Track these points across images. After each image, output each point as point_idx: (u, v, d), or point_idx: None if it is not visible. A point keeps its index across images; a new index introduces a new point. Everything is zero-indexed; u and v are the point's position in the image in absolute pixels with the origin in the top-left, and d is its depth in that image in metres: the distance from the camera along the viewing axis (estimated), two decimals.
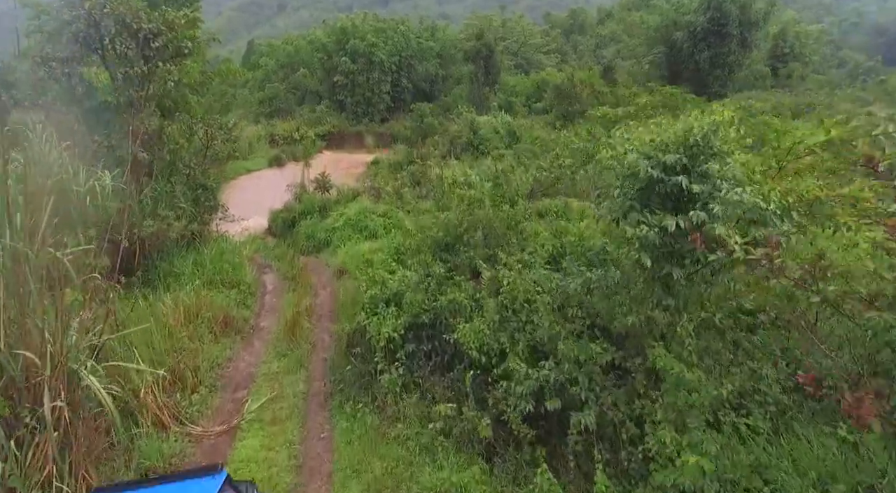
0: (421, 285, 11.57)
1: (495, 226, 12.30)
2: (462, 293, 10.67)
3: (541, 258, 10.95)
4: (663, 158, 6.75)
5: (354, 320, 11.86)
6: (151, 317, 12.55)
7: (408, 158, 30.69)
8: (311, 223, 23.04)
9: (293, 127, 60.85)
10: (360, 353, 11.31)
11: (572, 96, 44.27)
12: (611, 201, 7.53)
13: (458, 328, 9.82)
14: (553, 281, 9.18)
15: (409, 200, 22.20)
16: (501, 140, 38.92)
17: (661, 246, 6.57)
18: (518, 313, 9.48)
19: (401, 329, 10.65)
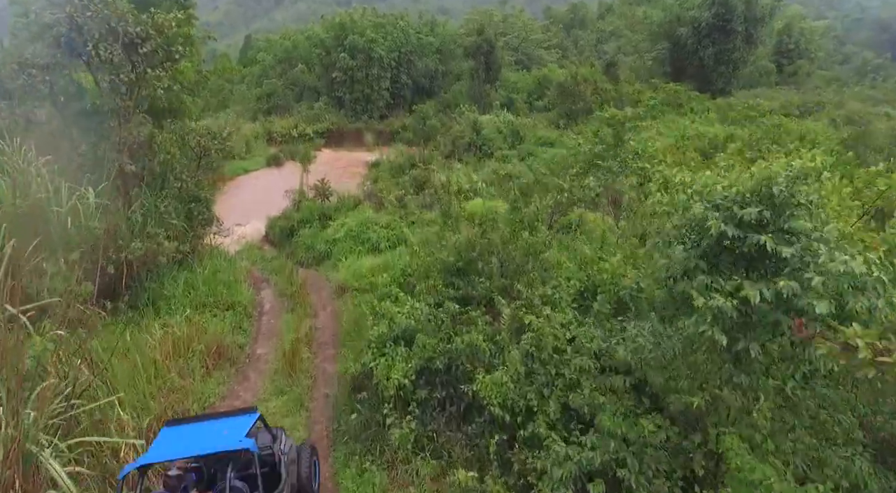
0: (432, 322, 10.40)
1: (513, 255, 11.11)
2: (479, 334, 9.49)
3: (567, 295, 9.75)
4: (740, 212, 5.54)
5: (359, 359, 10.66)
6: (137, 354, 11.35)
7: (410, 162, 29.47)
8: (311, 233, 21.85)
9: (291, 124, 59.57)
10: (367, 399, 10.15)
11: (576, 94, 43.00)
12: (666, 254, 6.32)
13: (478, 379, 8.66)
14: (592, 339, 7.98)
15: (413, 210, 21.01)
16: (505, 140, 37.74)
17: (738, 318, 5.40)
18: (546, 364, 8.33)
19: (412, 374, 9.48)
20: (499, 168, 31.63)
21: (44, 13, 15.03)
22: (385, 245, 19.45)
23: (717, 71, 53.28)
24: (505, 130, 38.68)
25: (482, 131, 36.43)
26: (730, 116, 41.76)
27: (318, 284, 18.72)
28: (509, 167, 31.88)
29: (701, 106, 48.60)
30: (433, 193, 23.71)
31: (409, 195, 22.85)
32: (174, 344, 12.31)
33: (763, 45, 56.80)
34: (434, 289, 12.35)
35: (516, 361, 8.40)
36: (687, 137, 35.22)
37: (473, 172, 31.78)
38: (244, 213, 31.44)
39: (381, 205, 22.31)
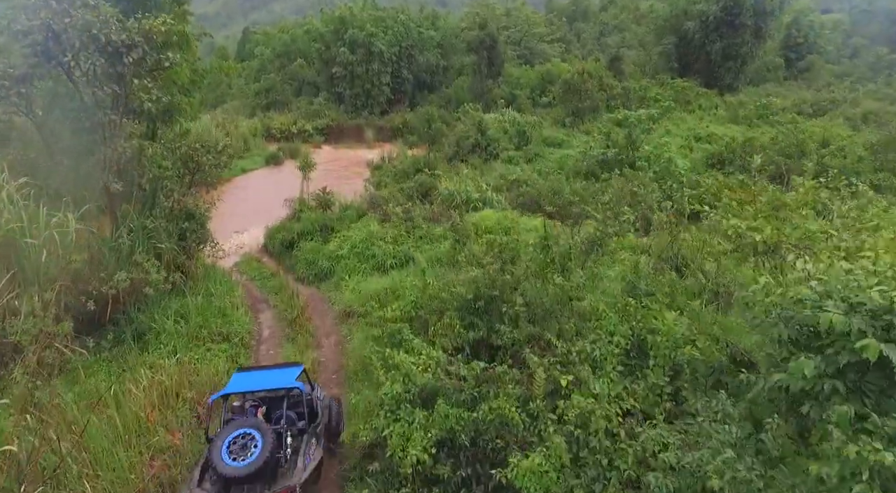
0: (452, 378, 9.03)
1: (543, 300, 9.72)
2: (508, 401, 8.11)
3: (611, 355, 8.37)
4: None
5: (370, 422, 9.26)
6: (117, 410, 9.97)
7: (414, 167, 28.00)
8: (312, 247, 20.42)
9: (290, 120, 58.00)
10: (380, 472, 8.80)
11: (582, 92, 41.47)
12: (781, 367, 4.89)
13: (512, 463, 7.30)
14: (666, 447, 6.59)
15: (420, 224, 19.58)
16: (510, 140, 36.23)
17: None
18: (596, 452, 6.98)
19: (431, 447, 8.11)
20: (506, 172, 30.21)
21: (18, 19, 13.50)
22: (391, 263, 18.03)
23: (725, 66, 51.74)
24: (511, 129, 37.17)
25: (487, 132, 34.94)
26: (741, 115, 40.30)
27: (320, 307, 17.33)
28: (518, 171, 30.46)
29: (709, 103, 47.16)
30: (440, 202, 22.31)
31: (415, 206, 21.37)
32: (162, 393, 10.92)
33: (771, 39, 55.20)
34: (450, 328, 11.01)
35: (560, 449, 7.02)
36: (698, 138, 33.80)
37: (480, 176, 30.38)
38: (242, 218, 30.03)
39: (386, 216, 20.88)
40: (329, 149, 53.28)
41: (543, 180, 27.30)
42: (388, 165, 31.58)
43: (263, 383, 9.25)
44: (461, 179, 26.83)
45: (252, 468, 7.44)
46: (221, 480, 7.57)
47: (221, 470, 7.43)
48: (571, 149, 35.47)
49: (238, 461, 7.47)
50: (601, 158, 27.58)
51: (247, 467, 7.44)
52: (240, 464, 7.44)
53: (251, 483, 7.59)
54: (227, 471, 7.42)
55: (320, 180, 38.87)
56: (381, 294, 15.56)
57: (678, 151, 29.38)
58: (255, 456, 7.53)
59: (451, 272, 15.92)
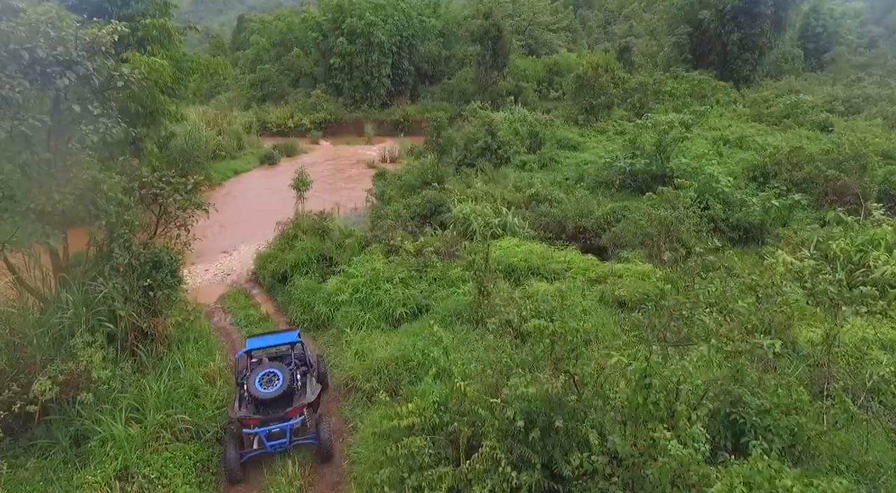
0: None
1: (646, 472, 6.40)
2: None
3: None
4: None
5: None
6: None
7: (421, 179, 24.58)
8: (308, 286, 17.07)
9: (287, 114, 54.46)
10: None
11: (596, 88, 37.90)
12: None
13: None
14: None
15: (434, 262, 16.25)
16: (522, 142, 32.80)
17: None
18: None
19: None
20: (520, 180, 26.85)
21: None
22: (401, 312, 14.76)
23: (742, 58, 48.01)
24: (522, 130, 33.70)
25: (497, 134, 31.48)
26: (765, 112, 36.82)
27: None
28: (536, 182, 27.08)
29: (727, 97, 43.62)
30: (454, 228, 18.99)
31: (426, 236, 18.00)
32: None
33: (791, 28, 51.37)
34: (491, 460, 7.84)
35: None
36: (726, 141, 30.37)
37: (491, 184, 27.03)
38: (232, 233, 26.66)
39: (393, 248, 17.57)
40: (327, 145, 49.77)
41: (565, 194, 23.97)
42: (392, 175, 28.09)
43: (275, 341, 11.93)
44: (474, 193, 23.49)
45: (278, 393, 10.05)
46: (255, 402, 10.09)
47: (256, 395, 9.99)
48: (588, 152, 32.09)
49: (268, 389, 10.06)
50: (628, 168, 24.19)
51: (274, 392, 10.04)
52: (269, 390, 10.06)
53: (276, 404, 10.07)
54: (261, 396, 10.00)
55: (317, 183, 35.54)
56: (391, 365, 12.34)
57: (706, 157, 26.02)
58: (278, 386, 10.13)
59: (476, 336, 12.76)
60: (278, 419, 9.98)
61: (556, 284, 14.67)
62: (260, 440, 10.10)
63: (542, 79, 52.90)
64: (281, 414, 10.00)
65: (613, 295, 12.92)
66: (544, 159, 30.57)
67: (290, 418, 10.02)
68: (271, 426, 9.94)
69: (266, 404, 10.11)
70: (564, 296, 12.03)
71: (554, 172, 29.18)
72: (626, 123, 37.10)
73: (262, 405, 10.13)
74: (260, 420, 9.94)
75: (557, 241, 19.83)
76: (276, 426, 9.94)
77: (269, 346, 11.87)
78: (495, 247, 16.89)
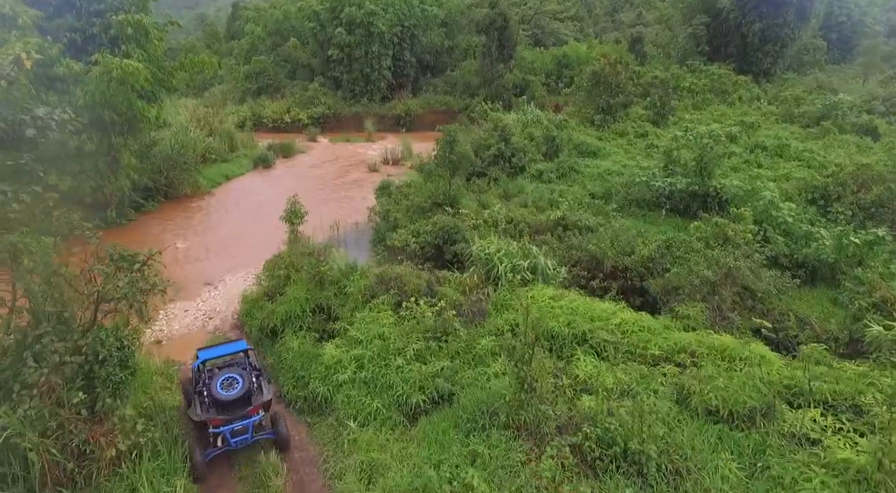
0: None
1: None
2: None
3: None
4: None
5: None
6: None
7: (432, 200, 21.14)
8: (303, 351, 13.69)
9: (283, 108, 50.68)
10: None
11: (613, 85, 34.26)
12: None
13: None
14: None
15: (456, 328, 12.90)
16: (538, 149, 29.35)
17: None
18: None
19: None
20: (539, 196, 23.46)
21: None
22: (418, 400, 11.47)
23: (763, 50, 44.27)
24: (538, 135, 30.21)
25: (511, 139, 28.02)
26: (796, 113, 33.29)
27: (309, 477, 10.81)
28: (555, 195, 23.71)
29: (748, 93, 40.02)
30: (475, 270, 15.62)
31: (446, 293, 14.54)
32: None
33: (816, 17, 47.44)
34: None
35: None
36: (763, 149, 26.90)
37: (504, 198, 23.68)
38: (219, 258, 23.30)
39: (404, 297, 14.23)
40: (325, 143, 46.11)
41: (593, 215, 20.62)
42: (397, 190, 24.60)
43: (227, 350, 12.23)
44: (492, 216, 20.13)
45: (238, 395, 10.69)
46: (217, 405, 10.66)
47: (220, 398, 10.60)
48: (609, 159, 28.63)
49: (230, 392, 10.72)
50: (667, 188, 20.77)
51: (236, 394, 10.70)
52: (231, 393, 10.72)
53: (236, 405, 10.71)
54: (224, 398, 10.63)
55: (315, 191, 32.11)
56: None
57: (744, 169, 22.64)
58: (239, 388, 10.79)
59: (520, 452, 9.47)
60: (241, 417, 10.61)
61: (611, 366, 11.40)
62: (224, 438, 10.68)
63: (551, 72, 49.15)
64: (242, 414, 10.61)
65: (702, 401, 9.59)
66: (563, 169, 27.13)
67: (251, 415, 10.71)
68: (234, 424, 10.57)
69: (228, 405, 10.66)
70: (642, 414, 8.80)
71: (574, 184, 25.77)
72: (646, 125, 33.59)
73: (223, 407, 10.67)
74: (224, 420, 10.54)
75: (593, 280, 16.55)
76: (240, 424, 10.60)
77: (221, 355, 12.11)
78: (527, 299, 13.59)
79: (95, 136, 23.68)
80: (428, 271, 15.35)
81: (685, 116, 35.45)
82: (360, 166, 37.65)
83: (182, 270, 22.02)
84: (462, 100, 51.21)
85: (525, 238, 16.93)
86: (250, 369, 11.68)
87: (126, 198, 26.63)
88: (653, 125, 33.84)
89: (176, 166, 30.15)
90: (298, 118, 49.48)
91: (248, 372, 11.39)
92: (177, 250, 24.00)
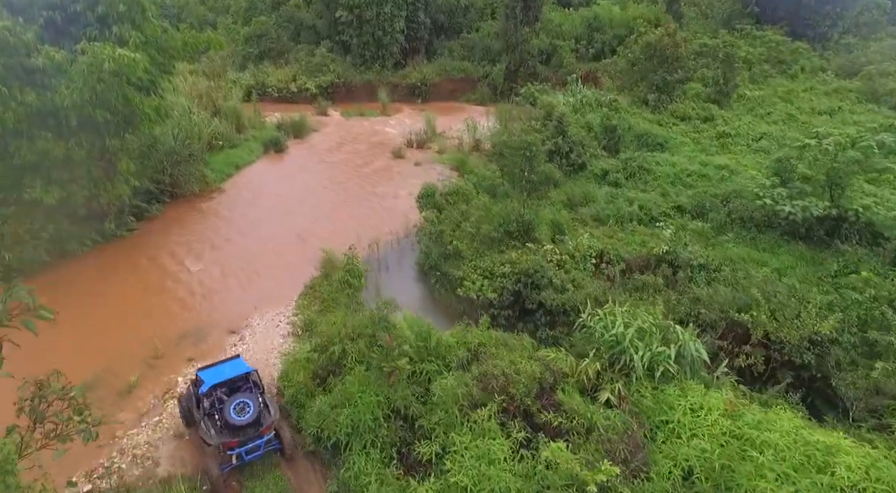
0: None
1: None
2: None
3: None
4: None
5: None
6: None
7: (502, 226, 16.74)
8: (382, 477, 9.82)
9: (289, 76, 45.32)
10: None
11: (672, 59, 29.38)
12: None
13: None
14: None
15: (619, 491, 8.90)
16: (596, 141, 24.84)
17: None
18: None
19: None
20: (619, 213, 19.26)
21: None
22: None
23: (821, 12, 38.96)
24: (596, 125, 25.65)
25: (567, 131, 23.52)
26: (884, 91, 28.69)
27: None
28: (634, 209, 19.53)
29: (811, 64, 35.16)
30: (595, 354, 11.55)
31: (597, 450, 10.25)
32: None
33: None
34: None
35: None
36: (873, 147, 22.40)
37: (570, 210, 19.55)
38: (241, 286, 19.17)
39: (511, 410, 10.25)
40: (337, 117, 41.07)
41: (702, 245, 16.50)
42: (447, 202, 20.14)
43: (232, 373, 11.89)
44: (579, 248, 15.98)
45: (251, 419, 11.06)
46: (231, 428, 10.96)
47: (234, 423, 10.92)
48: (681, 154, 24.14)
49: (242, 417, 11.05)
50: (800, 215, 16.42)
51: (248, 419, 11.05)
52: (244, 417, 11.05)
53: (249, 428, 11.06)
54: (238, 422, 10.96)
55: (336, 184, 27.63)
56: None
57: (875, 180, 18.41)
58: (251, 413, 11.11)
59: None
60: (254, 438, 11.08)
61: None
62: (239, 456, 11.15)
63: (580, 36, 43.76)
64: (255, 435, 11.07)
65: None
66: (631, 167, 22.76)
67: (262, 435, 11.18)
68: (249, 444, 11.06)
69: (241, 428, 11.04)
70: None
71: (649, 189, 21.47)
72: (710, 107, 28.94)
73: (237, 430, 11.04)
74: (239, 441, 10.98)
75: (736, 355, 12.56)
76: (253, 444, 11.10)
77: (226, 380, 11.83)
78: (690, 422, 9.63)
79: (86, 139, 19.06)
80: (539, 363, 11.21)
81: (746, 94, 30.76)
82: (382, 150, 32.97)
83: (199, 309, 17.84)
84: (482, 67, 46.01)
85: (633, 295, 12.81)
86: (252, 390, 11.87)
87: (126, 205, 22.22)
88: (715, 105, 29.23)
89: (181, 161, 25.55)
90: (306, 87, 44.32)
91: (255, 394, 11.67)
92: (190, 275, 19.75)
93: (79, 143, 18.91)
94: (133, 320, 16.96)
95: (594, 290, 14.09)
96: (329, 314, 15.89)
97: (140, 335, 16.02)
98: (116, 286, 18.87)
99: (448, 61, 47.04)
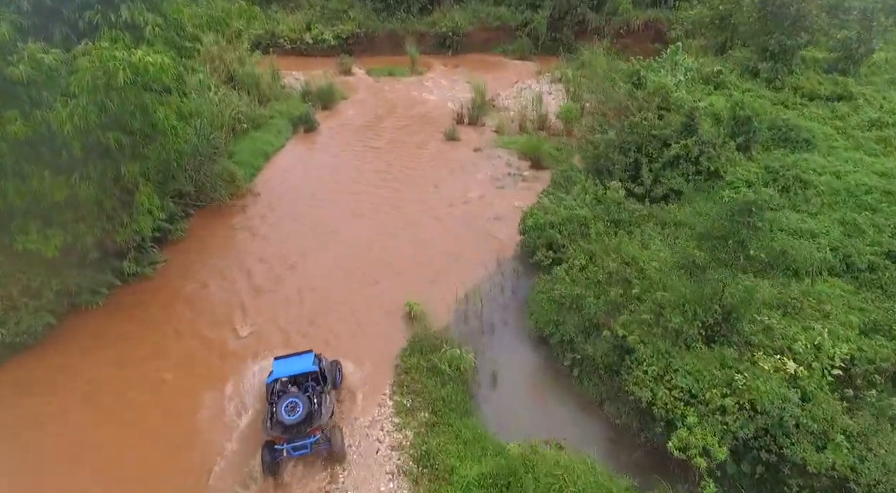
0: None
1: None
2: None
3: None
4: None
5: None
6: None
7: (699, 319, 11.55)
8: None
9: (303, 24, 38.38)
10: None
11: (794, 18, 23.32)
12: None
13: None
14: None
15: None
16: (727, 137, 19.25)
17: None
18: None
19: None
20: (809, 260, 14.20)
21: None
22: None
23: None
24: (724, 112, 20.13)
25: (698, 129, 18.08)
26: None
27: None
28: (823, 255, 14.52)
29: None
30: None
31: None
32: None
33: None
34: None
35: None
36: None
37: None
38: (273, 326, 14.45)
39: None
40: (364, 78, 34.54)
41: None
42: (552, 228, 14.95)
43: (296, 369, 12.19)
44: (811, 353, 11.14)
45: (300, 418, 11.10)
46: (281, 425, 11.10)
47: (283, 421, 11.04)
48: (836, 155, 18.74)
49: (291, 416, 11.09)
50: None
51: (296, 418, 11.09)
52: (293, 417, 11.09)
53: (299, 426, 11.12)
54: (287, 421, 11.05)
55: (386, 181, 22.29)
56: None
57: None
58: (300, 413, 11.11)
59: None
60: (301, 437, 11.20)
61: None
62: (286, 450, 11.26)
63: None
64: (303, 434, 11.18)
65: None
66: (783, 178, 17.48)
67: (310, 436, 11.27)
68: (295, 442, 11.19)
69: (290, 427, 11.15)
70: None
71: (820, 215, 16.17)
72: (841, 79, 23.26)
73: (286, 428, 11.17)
74: (286, 439, 11.17)
75: None
76: (300, 442, 11.19)
77: (292, 375, 12.14)
78: None
79: (94, 169, 13.45)
80: None
81: (873, 58, 24.94)
82: (428, 128, 27.08)
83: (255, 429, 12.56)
84: (520, 12, 39.13)
85: None
86: (311, 389, 12.02)
87: (147, 238, 16.87)
88: (842, 75, 23.57)
89: (204, 162, 19.93)
90: (322, 38, 37.59)
91: (311, 393, 11.86)
92: (240, 345, 14.66)
93: (85, 175, 13.34)
94: (156, 444, 12.21)
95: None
96: (444, 435, 11.36)
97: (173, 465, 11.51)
98: (139, 372, 13.80)
99: (481, 6, 40.03)
